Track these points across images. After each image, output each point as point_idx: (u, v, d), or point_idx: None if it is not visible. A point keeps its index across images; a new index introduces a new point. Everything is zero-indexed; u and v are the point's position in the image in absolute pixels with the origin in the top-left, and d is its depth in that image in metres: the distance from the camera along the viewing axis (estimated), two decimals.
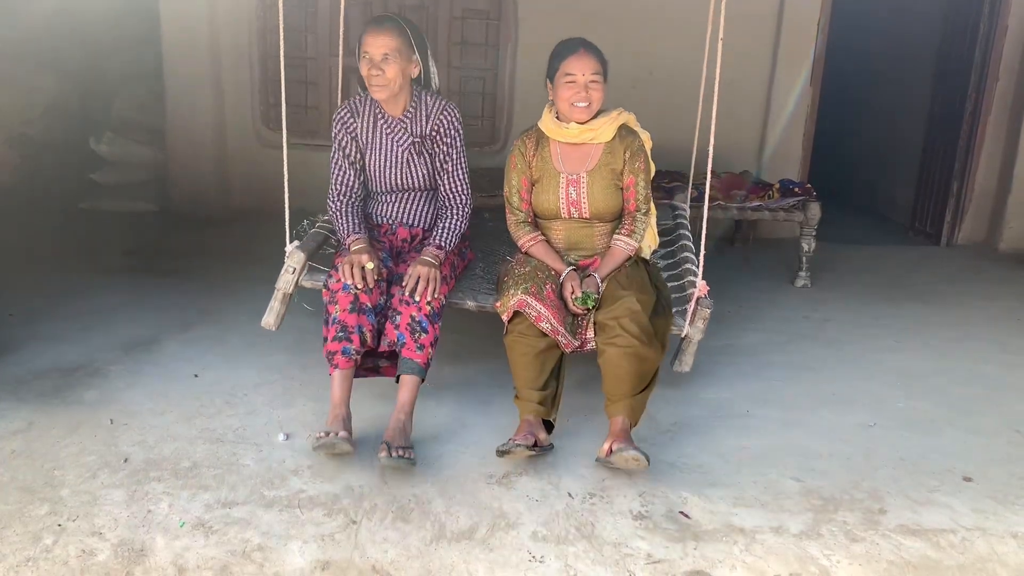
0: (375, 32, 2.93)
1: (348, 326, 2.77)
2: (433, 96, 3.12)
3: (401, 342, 2.80)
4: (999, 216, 6.12)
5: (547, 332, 2.77)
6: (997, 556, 2.33)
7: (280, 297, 3.08)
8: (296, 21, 6.07)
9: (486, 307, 3.06)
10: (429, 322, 2.83)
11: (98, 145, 6.32)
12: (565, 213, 3.06)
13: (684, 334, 3.02)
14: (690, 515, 2.48)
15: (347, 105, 3.12)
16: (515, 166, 3.12)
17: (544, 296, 2.81)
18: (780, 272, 5.23)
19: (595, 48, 2.96)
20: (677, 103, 5.15)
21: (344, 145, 3.10)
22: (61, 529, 2.27)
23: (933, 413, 3.27)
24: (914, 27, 7.08)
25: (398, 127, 3.08)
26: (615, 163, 3.04)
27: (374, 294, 2.84)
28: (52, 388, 3.17)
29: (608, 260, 3.01)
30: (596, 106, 2.98)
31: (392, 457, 2.56)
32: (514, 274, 2.95)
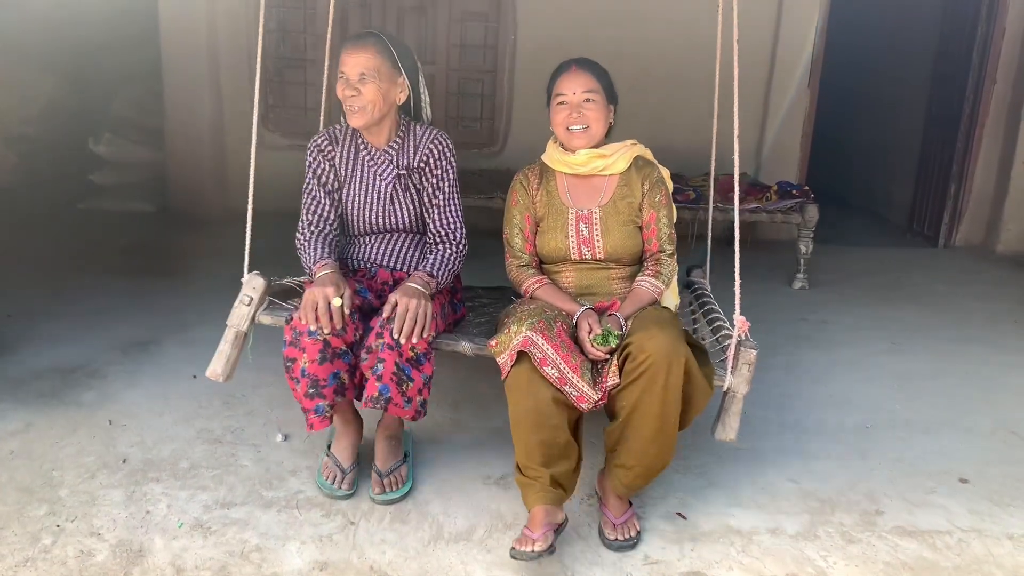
0: (352, 49, 2.54)
1: (319, 380, 2.34)
2: (423, 127, 2.72)
3: (385, 397, 2.33)
4: (996, 218, 6.13)
5: (553, 381, 2.22)
6: (993, 557, 2.34)
7: (232, 337, 2.51)
8: (295, 23, 6.08)
9: (483, 351, 2.51)
10: (413, 367, 2.37)
11: (97, 145, 6.33)
12: (576, 254, 2.61)
13: (726, 387, 2.38)
14: (687, 516, 2.49)
15: (325, 133, 2.72)
16: (516, 202, 2.69)
17: (554, 335, 2.27)
18: (778, 274, 5.24)
19: (592, 65, 2.60)
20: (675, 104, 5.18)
21: (320, 173, 2.68)
22: (60, 530, 2.28)
23: (930, 415, 3.27)
24: (912, 29, 7.09)
25: (382, 159, 2.68)
26: (632, 197, 2.62)
27: (348, 332, 2.38)
28: (51, 389, 3.17)
29: (631, 300, 2.53)
30: (596, 129, 2.57)
31: (387, 492, 2.47)
32: (516, 312, 2.45)
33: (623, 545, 2.31)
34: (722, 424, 2.41)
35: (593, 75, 2.56)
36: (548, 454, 2.22)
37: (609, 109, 2.61)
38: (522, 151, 5.51)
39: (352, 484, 2.52)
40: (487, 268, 3.53)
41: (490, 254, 3.62)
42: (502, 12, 6.06)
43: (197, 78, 6.06)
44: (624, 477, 2.31)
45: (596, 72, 2.58)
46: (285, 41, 6.17)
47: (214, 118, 6.19)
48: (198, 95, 6.09)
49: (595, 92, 2.55)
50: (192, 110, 6.11)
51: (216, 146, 6.24)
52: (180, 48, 6.02)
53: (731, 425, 2.39)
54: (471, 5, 6.08)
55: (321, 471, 2.57)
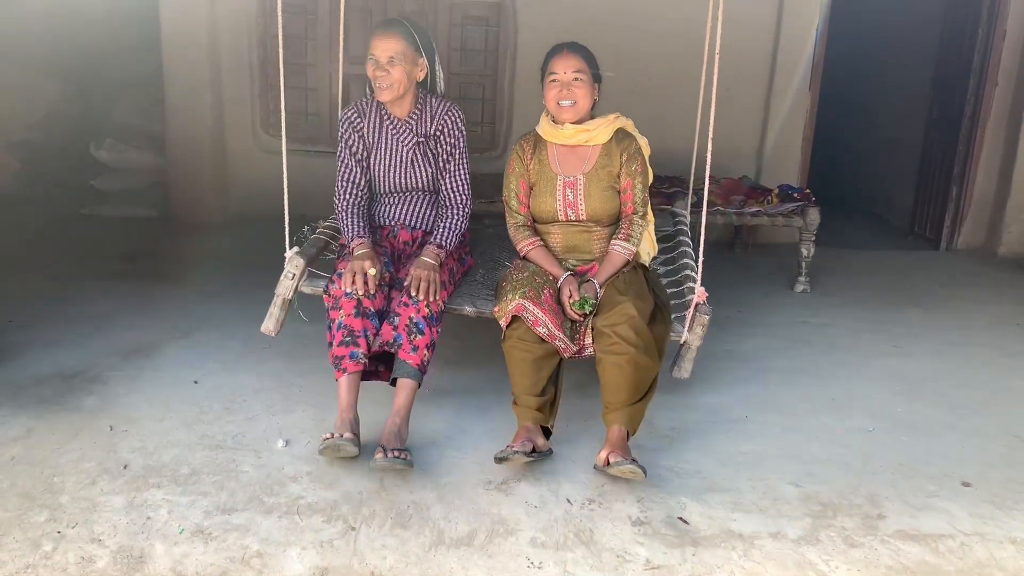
0: (382, 35, 3.01)
1: (354, 330, 2.79)
2: (438, 99, 3.19)
3: (397, 343, 2.81)
4: (998, 221, 6.11)
5: (544, 337, 2.77)
6: (996, 561, 2.33)
7: (280, 303, 3.08)
8: (296, 28, 6.09)
9: (484, 313, 3.05)
10: (427, 324, 2.84)
11: (98, 151, 6.33)
12: (562, 216, 3.08)
13: (683, 340, 3.01)
14: (689, 521, 2.48)
15: (354, 106, 3.19)
16: (513, 169, 3.15)
17: (542, 301, 2.81)
18: (779, 277, 5.23)
19: (581, 48, 3.00)
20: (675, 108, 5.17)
21: (351, 144, 3.16)
22: (60, 536, 2.28)
23: (932, 418, 3.27)
24: (913, 32, 7.09)
25: (403, 128, 3.14)
26: (612, 166, 3.06)
27: (377, 299, 2.87)
28: (52, 394, 3.17)
29: (606, 265, 3.02)
30: (583, 104, 2.99)
31: (388, 459, 2.57)
32: (512, 279, 2.95)
33: (619, 462, 2.57)
34: (678, 367, 3.08)
35: (582, 57, 2.98)
36: (535, 390, 2.77)
37: (594, 87, 3.03)
38: None
39: (356, 436, 2.69)
40: None
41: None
42: (502, 16, 6.06)
43: (198, 84, 6.06)
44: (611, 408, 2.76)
45: (584, 55, 3.00)
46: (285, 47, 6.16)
47: (215, 124, 6.19)
48: (199, 101, 6.09)
49: (583, 72, 2.97)
50: (193, 116, 6.11)
51: (217, 152, 6.24)
52: (181, 54, 6.02)
53: (686, 368, 3.07)
54: (471, 9, 6.08)
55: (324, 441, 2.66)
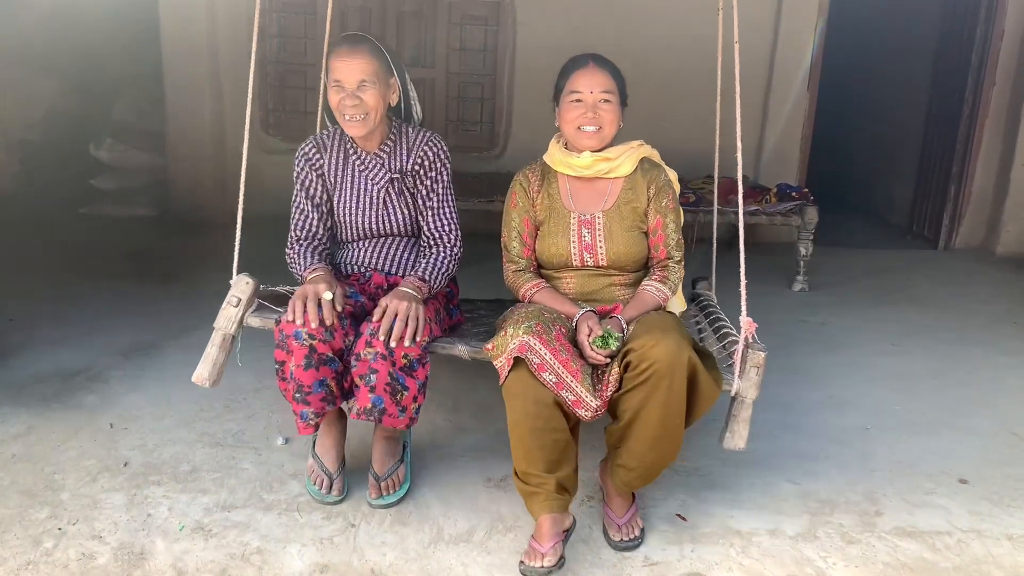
0: (347, 55, 2.44)
1: (304, 386, 2.29)
2: (415, 128, 2.67)
3: (378, 408, 2.29)
4: (996, 220, 6.13)
5: (549, 386, 2.15)
6: (993, 558, 2.34)
7: (219, 340, 2.44)
8: (295, 28, 6.10)
9: (480, 354, 2.46)
10: (407, 376, 2.32)
11: (98, 150, 6.35)
12: (577, 260, 2.52)
13: (734, 392, 2.30)
14: (687, 518, 2.49)
15: (312, 140, 2.66)
16: (516, 204, 2.59)
17: (552, 339, 2.20)
18: (778, 276, 5.25)
19: (609, 63, 2.50)
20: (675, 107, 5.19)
21: (308, 184, 2.63)
22: (61, 533, 2.28)
23: (930, 415, 3.28)
24: (912, 30, 7.10)
25: (373, 164, 2.61)
26: (637, 201, 2.53)
27: (336, 336, 2.31)
28: (52, 392, 3.18)
29: (635, 304, 2.45)
30: (608, 132, 2.48)
31: (383, 496, 2.46)
32: (514, 315, 2.37)
33: (628, 545, 2.31)
34: (731, 432, 2.32)
35: (611, 74, 2.48)
36: (550, 459, 2.15)
37: (620, 111, 2.52)
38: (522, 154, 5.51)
39: (342, 489, 2.50)
40: (486, 272, 3.54)
41: (489, 258, 3.62)
42: (501, 15, 6.07)
43: (198, 83, 6.08)
44: (624, 476, 2.28)
45: (613, 71, 2.49)
46: (285, 46, 6.19)
47: (215, 123, 6.21)
48: (199, 100, 6.11)
49: (612, 93, 2.46)
50: (193, 115, 6.13)
51: (217, 150, 6.25)
52: (181, 53, 6.03)
53: (740, 433, 2.31)
54: (470, 9, 6.09)
55: (308, 475, 2.55)
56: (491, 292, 3.32)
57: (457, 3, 6.07)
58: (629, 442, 2.21)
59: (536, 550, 2.11)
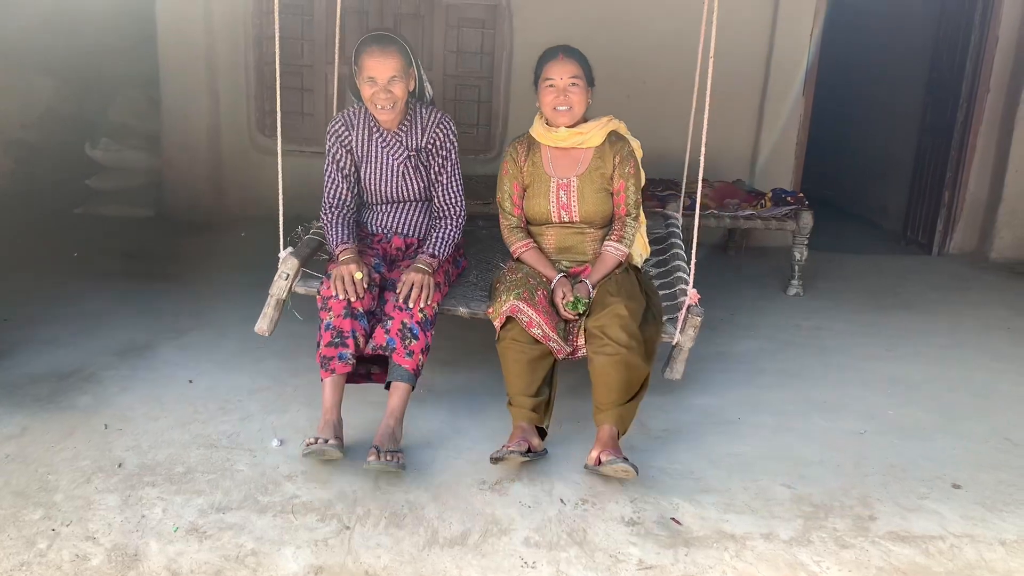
0: (380, 54, 2.91)
1: (343, 331, 2.77)
2: (428, 108, 3.14)
3: (391, 347, 2.80)
4: (990, 226, 6.15)
5: (538, 338, 2.78)
6: (985, 563, 2.35)
7: (274, 303, 3.07)
8: (292, 29, 6.09)
9: (478, 314, 3.07)
10: (420, 329, 2.83)
11: (94, 150, 6.32)
12: (556, 218, 3.09)
13: (675, 342, 3.02)
14: (681, 521, 2.50)
15: (341, 117, 3.12)
16: (507, 171, 3.15)
17: (536, 302, 2.82)
18: (772, 280, 5.26)
19: (576, 53, 3.01)
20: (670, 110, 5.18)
21: (338, 158, 3.10)
22: (55, 534, 2.28)
23: (923, 420, 3.29)
24: (906, 37, 7.13)
25: (393, 140, 3.09)
26: (605, 168, 3.07)
27: (366, 299, 2.84)
28: (46, 393, 3.17)
29: (599, 266, 3.04)
30: (578, 110, 3.01)
31: (381, 461, 2.57)
32: (506, 281, 2.97)
33: (613, 460, 2.57)
34: (670, 368, 3.07)
35: (577, 62, 2.99)
36: (530, 391, 2.79)
37: (588, 91, 3.03)
38: None
39: (340, 441, 2.69)
40: None
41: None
42: (498, 18, 6.08)
43: (194, 84, 6.07)
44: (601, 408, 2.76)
45: (579, 59, 3.01)
46: (282, 48, 6.17)
47: (211, 123, 6.19)
48: (195, 101, 6.10)
49: (579, 77, 2.98)
50: (189, 115, 6.11)
51: (213, 151, 6.24)
52: (178, 54, 6.02)
53: (677, 369, 3.06)
54: (468, 11, 6.09)
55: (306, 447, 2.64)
56: None
57: (454, 5, 6.07)
58: (598, 387, 2.77)
59: (505, 445, 2.67)
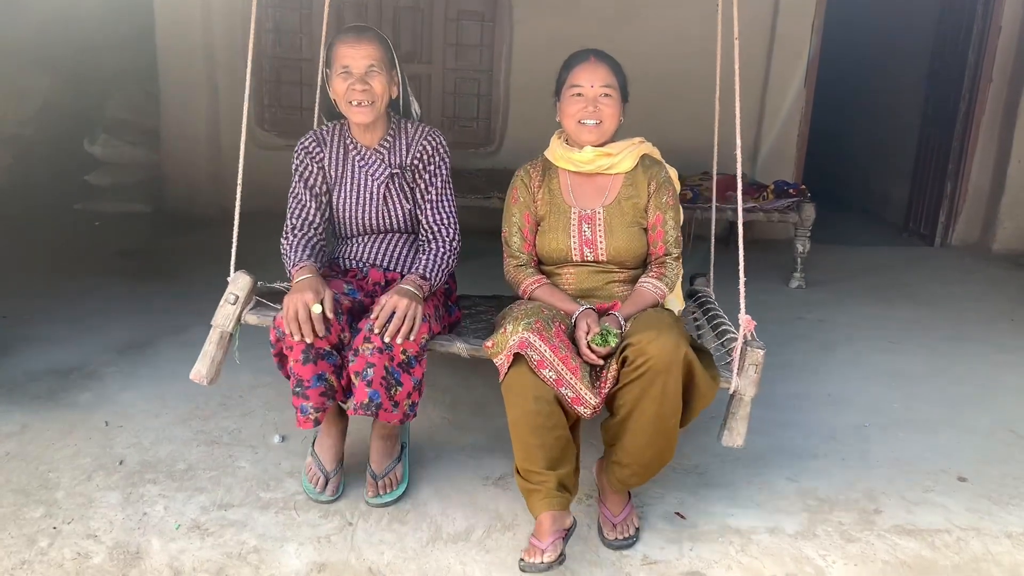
0: (356, 41, 2.46)
1: (303, 380, 2.30)
2: (414, 123, 2.68)
3: (374, 403, 2.28)
4: (992, 217, 6.14)
5: (548, 382, 2.16)
6: (992, 556, 2.34)
7: (216, 338, 2.43)
8: (290, 23, 6.07)
9: (479, 352, 2.47)
10: (403, 371, 2.31)
11: (92, 146, 6.31)
12: (578, 255, 2.54)
13: (732, 389, 2.29)
14: (686, 516, 2.48)
15: (312, 134, 2.66)
16: (517, 199, 2.61)
17: (552, 335, 2.21)
18: (775, 273, 5.24)
19: (609, 58, 2.53)
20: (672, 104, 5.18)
21: (307, 175, 2.61)
22: (56, 532, 2.27)
23: (928, 413, 3.28)
24: (908, 28, 7.10)
25: (373, 159, 2.61)
26: (638, 197, 2.55)
27: (332, 333, 2.31)
28: (47, 390, 3.16)
29: (632, 301, 2.46)
30: (608, 126, 2.51)
31: (381, 495, 2.45)
32: (514, 312, 2.38)
33: (622, 544, 2.31)
34: (729, 430, 2.31)
35: (611, 69, 2.51)
36: (550, 456, 2.13)
37: (622, 107, 2.56)
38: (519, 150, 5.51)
39: (336, 490, 2.49)
40: (483, 268, 3.53)
41: (486, 254, 3.62)
42: (498, 11, 6.05)
43: (193, 78, 6.05)
44: (620, 474, 2.27)
45: (614, 67, 2.53)
46: (281, 41, 6.16)
47: (210, 118, 6.18)
48: (194, 95, 6.08)
49: (612, 88, 2.49)
50: (188, 110, 6.10)
51: (212, 146, 6.23)
52: (176, 48, 6.01)
53: (738, 430, 2.30)
54: (467, 4, 6.07)
55: (305, 473, 2.55)
56: (489, 288, 3.31)
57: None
58: (624, 439, 2.20)
59: (536, 547, 2.06)
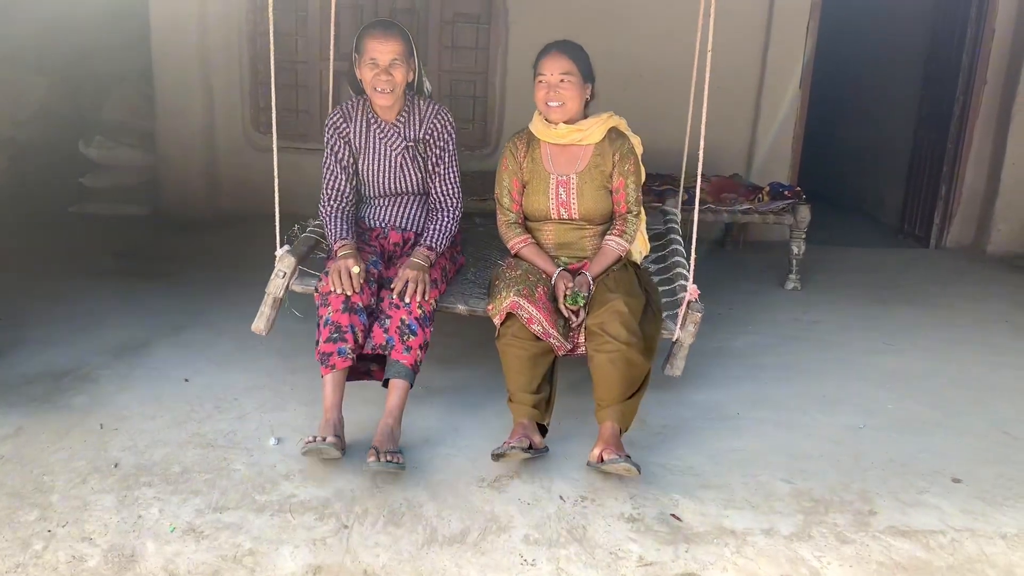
0: (383, 37, 2.94)
1: (342, 326, 2.76)
2: (426, 100, 3.16)
3: (390, 345, 2.79)
4: (987, 219, 6.15)
5: (539, 335, 2.77)
6: (986, 557, 2.35)
7: (270, 302, 3.06)
8: (287, 25, 6.07)
9: (477, 311, 3.05)
10: (419, 325, 2.82)
11: (88, 148, 6.30)
12: (555, 214, 3.07)
13: (675, 338, 3.03)
14: (681, 517, 2.49)
15: (339, 110, 3.13)
16: (506, 167, 3.13)
17: (536, 298, 2.80)
18: (770, 275, 5.25)
19: (571, 48, 2.96)
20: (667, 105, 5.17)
21: (336, 150, 3.11)
22: (51, 535, 2.26)
23: (922, 414, 3.29)
24: (903, 30, 7.12)
25: (391, 132, 3.09)
26: (604, 165, 3.05)
27: (364, 295, 2.83)
28: (42, 393, 3.15)
29: (599, 260, 3.02)
30: (572, 106, 2.97)
31: (381, 462, 2.55)
32: (505, 277, 2.93)
33: (613, 460, 2.55)
34: (670, 364, 3.10)
35: (570, 57, 2.94)
36: (531, 387, 2.77)
37: (585, 87, 3.00)
38: None
39: (340, 439, 2.67)
40: None
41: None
42: (493, 13, 6.06)
43: (188, 81, 6.04)
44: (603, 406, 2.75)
45: (573, 55, 2.95)
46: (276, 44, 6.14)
47: (205, 121, 6.17)
48: (189, 98, 6.07)
49: (571, 74, 2.94)
50: (183, 113, 6.09)
51: (207, 149, 6.22)
52: (171, 51, 5.99)
53: (678, 365, 3.09)
54: (462, 7, 6.07)
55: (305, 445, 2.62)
56: None
57: (449, 1, 6.05)
58: (599, 384, 2.76)
59: (506, 442, 2.63)
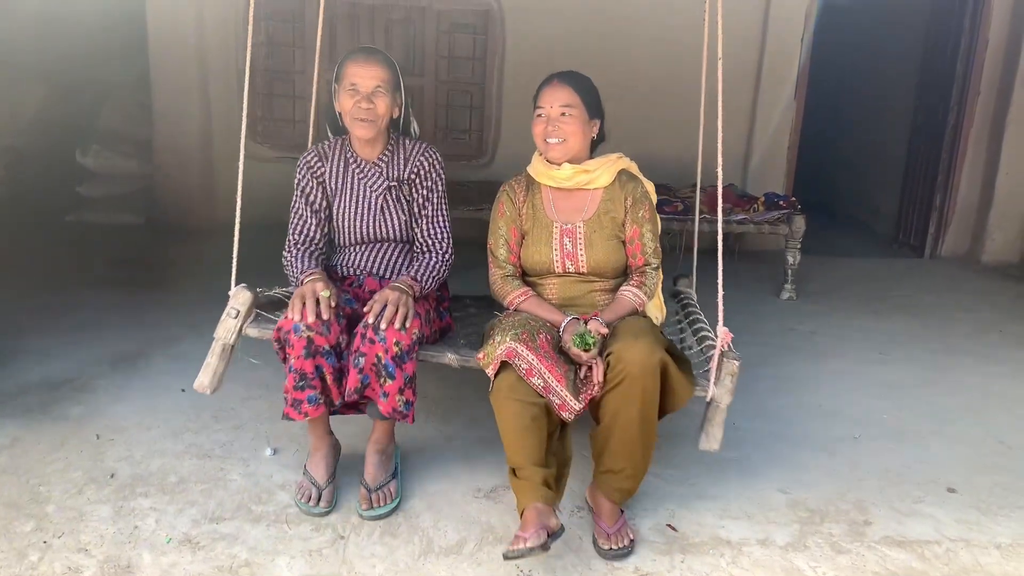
0: (365, 62, 2.61)
1: (307, 373, 2.37)
2: (413, 140, 2.81)
3: (364, 383, 2.39)
4: (981, 228, 6.18)
5: (538, 390, 2.27)
6: (981, 567, 2.35)
7: (219, 350, 2.50)
8: (284, 36, 6.09)
9: (469, 361, 2.56)
10: (396, 365, 2.37)
11: (84, 157, 6.30)
12: (559, 268, 2.64)
13: (709, 397, 2.43)
14: (677, 528, 2.49)
15: (315, 149, 2.79)
16: (503, 213, 2.70)
17: (537, 345, 2.32)
18: (765, 285, 5.27)
19: (576, 78, 2.60)
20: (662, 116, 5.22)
21: (308, 191, 2.74)
22: (47, 546, 2.26)
23: (917, 424, 3.29)
24: (897, 41, 7.16)
25: (372, 172, 2.73)
26: (616, 211, 2.65)
27: (332, 332, 2.39)
28: (38, 403, 3.15)
29: (613, 308, 2.56)
30: (574, 143, 2.58)
31: (374, 508, 2.46)
32: (501, 324, 2.48)
33: (617, 553, 2.32)
34: (705, 434, 2.46)
35: (574, 89, 2.57)
36: (538, 456, 2.25)
37: (591, 124, 2.63)
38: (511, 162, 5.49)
39: (329, 501, 2.50)
40: (475, 279, 3.53)
41: (477, 265, 3.61)
42: (490, 24, 6.08)
43: (185, 89, 6.06)
44: (614, 481, 2.37)
45: (578, 86, 2.58)
46: (273, 54, 6.17)
47: (202, 129, 6.18)
48: (186, 106, 6.08)
49: (573, 107, 2.56)
50: (180, 122, 6.10)
51: (204, 158, 6.23)
52: (168, 59, 6.01)
53: (714, 435, 2.45)
54: (459, 17, 6.10)
55: (297, 490, 2.55)
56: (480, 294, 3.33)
57: (446, 11, 6.08)
58: (612, 442, 2.33)
59: (520, 537, 2.12)
